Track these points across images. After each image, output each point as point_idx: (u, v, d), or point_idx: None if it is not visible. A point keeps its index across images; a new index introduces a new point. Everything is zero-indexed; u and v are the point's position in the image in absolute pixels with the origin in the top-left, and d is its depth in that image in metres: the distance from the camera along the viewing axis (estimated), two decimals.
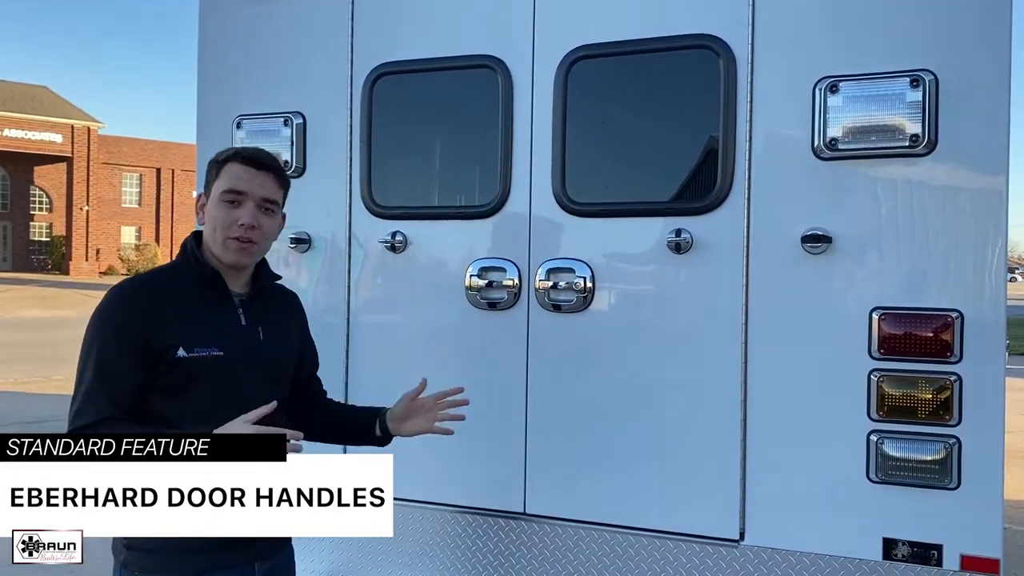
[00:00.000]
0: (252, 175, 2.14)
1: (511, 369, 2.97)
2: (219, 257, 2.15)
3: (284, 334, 2.30)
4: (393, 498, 3.08)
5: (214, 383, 2.08)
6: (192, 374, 2.05)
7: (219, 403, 2.06)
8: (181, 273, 2.17)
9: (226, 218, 2.12)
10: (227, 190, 2.12)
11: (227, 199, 2.12)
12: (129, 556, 2.11)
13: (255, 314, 2.20)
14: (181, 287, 2.13)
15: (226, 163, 2.16)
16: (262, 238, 2.17)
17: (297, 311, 2.44)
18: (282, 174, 2.23)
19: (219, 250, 2.14)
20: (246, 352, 2.14)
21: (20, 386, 11.58)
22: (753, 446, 2.66)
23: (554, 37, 2.93)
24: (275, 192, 2.19)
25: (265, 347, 2.20)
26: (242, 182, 2.13)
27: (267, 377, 2.19)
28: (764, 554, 2.65)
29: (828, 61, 2.59)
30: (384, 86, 3.16)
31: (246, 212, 2.12)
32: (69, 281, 38.27)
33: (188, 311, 2.09)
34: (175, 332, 2.04)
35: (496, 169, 2.99)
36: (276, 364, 2.24)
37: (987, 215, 2.46)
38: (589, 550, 2.86)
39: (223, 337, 2.10)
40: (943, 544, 2.47)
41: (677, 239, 2.73)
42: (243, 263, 2.17)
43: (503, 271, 2.97)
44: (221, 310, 2.15)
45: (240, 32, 3.38)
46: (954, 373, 2.45)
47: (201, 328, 2.08)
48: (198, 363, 2.05)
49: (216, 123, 3.38)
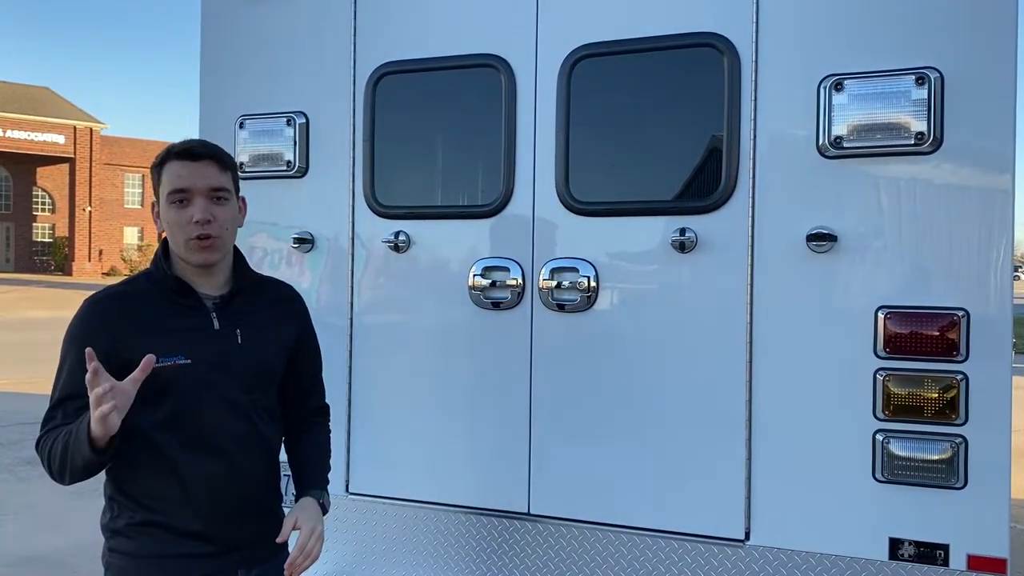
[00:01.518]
0: (191, 169, 2.06)
1: (515, 369, 2.96)
2: (186, 260, 2.09)
3: (268, 336, 2.19)
4: (397, 498, 3.09)
5: (184, 391, 2.03)
6: (160, 385, 1.99)
7: (191, 411, 2.05)
8: (149, 283, 2.12)
9: (179, 219, 2.06)
10: (172, 191, 2.06)
11: (174, 200, 2.06)
12: (111, 558, 2.11)
13: (231, 316, 2.13)
14: (148, 297, 2.08)
15: (163, 164, 2.09)
16: (220, 230, 2.08)
17: (294, 312, 2.33)
18: (223, 158, 2.13)
19: (183, 252, 2.08)
20: (218, 357, 2.08)
21: (23, 386, 11.58)
22: (758, 445, 2.65)
23: (557, 36, 2.92)
24: (219, 178, 2.10)
25: (242, 351, 2.11)
26: (183, 179, 2.06)
27: (245, 382, 2.12)
28: (769, 554, 2.64)
29: (833, 59, 2.58)
30: (387, 85, 3.15)
31: (197, 208, 2.05)
32: (72, 282, 38.32)
33: (154, 321, 2.05)
34: (139, 345, 1.97)
35: (499, 168, 2.98)
36: (255, 368, 2.15)
37: (993, 213, 2.45)
38: (593, 550, 2.85)
39: (190, 344, 2.05)
40: (949, 544, 2.46)
41: (681, 238, 2.72)
42: (211, 260, 2.09)
43: (506, 271, 2.96)
44: (191, 317, 2.09)
45: (243, 32, 3.38)
46: (960, 372, 2.44)
47: (166, 337, 2.03)
48: (165, 373, 1.98)
49: (219, 123, 3.38)
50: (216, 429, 2.07)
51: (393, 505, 3.10)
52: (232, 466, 2.09)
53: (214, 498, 2.07)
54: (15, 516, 6.01)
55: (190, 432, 2.04)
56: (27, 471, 7.22)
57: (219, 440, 2.08)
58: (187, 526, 2.05)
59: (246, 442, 2.12)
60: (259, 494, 2.17)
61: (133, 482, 2.06)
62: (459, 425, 3.05)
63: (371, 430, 3.12)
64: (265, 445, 2.18)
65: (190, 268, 2.10)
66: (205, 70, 3.47)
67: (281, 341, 2.24)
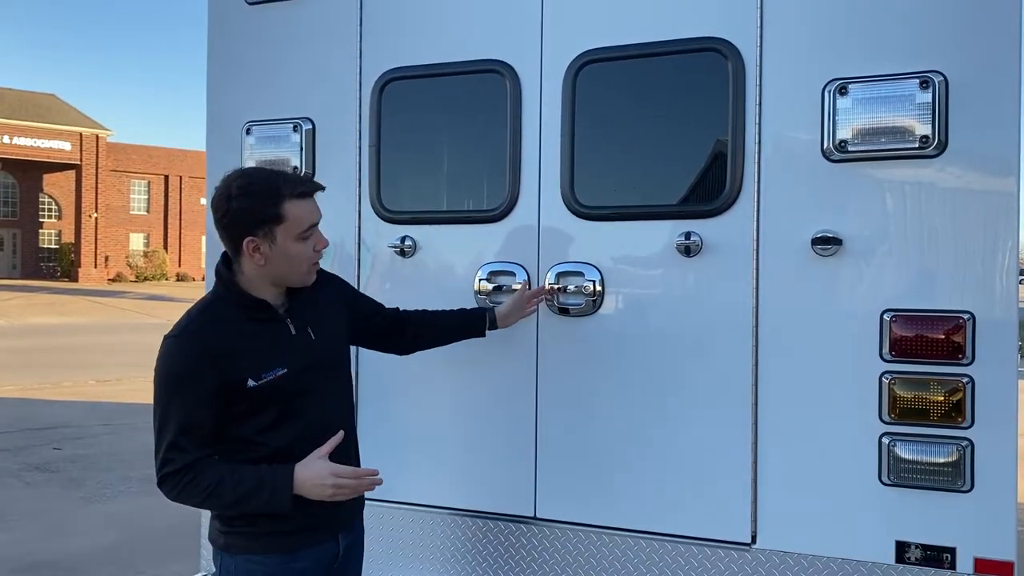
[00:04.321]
0: (311, 204, 2.24)
1: (521, 372, 2.97)
2: (300, 284, 2.27)
3: (330, 324, 2.38)
4: (403, 502, 3.10)
5: (287, 398, 2.20)
6: (266, 398, 2.16)
7: (293, 413, 2.21)
8: (226, 306, 2.21)
9: (306, 250, 2.22)
10: (309, 227, 2.21)
11: (306, 236, 2.21)
12: (228, 540, 2.23)
13: (300, 318, 2.28)
14: (229, 319, 2.19)
15: (282, 202, 2.16)
16: None
17: (335, 290, 2.50)
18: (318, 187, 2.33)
19: (300, 280, 2.26)
20: (306, 358, 2.24)
21: (30, 392, 11.62)
22: (764, 449, 2.66)
23: (562, 41, 2.93)
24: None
25: (319, 345, 2.30)
26: (313, 215, 2.23)
27: (329, 372, 2.33)
28: (776, 557, 2.64)
29: (837, 63, 2.58)
30: (393, 91, 3.16)
31: (320, 238, 2.26)
32: (78, 288, 38.43)
33: (243, 341, 2.17)
34: (239, 366, 2.13)
35: (505, 173, 2.99)
36: (332, 357, 2.36)
37: (998, 216, 2.45)
38: (600, 554, 2.85)
39: (282, 354, 2.20)
40: (956, 547, 2.46)
41: (687, 242, 2.73)
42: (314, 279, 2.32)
43: (512, 275, 2.97)
44: (271, 328, 2.22)
45: (249, 38, 3.40)
46: (966, 375, 2.44)
47: (261, 353, 2.17)
48: (270, 386, 2.15)
49: (225, 129, 3.40)
50: (317, 420, 2.25)
51: (399, 509, 3.11)
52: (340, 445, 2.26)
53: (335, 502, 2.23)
54: (23, 522, 6.03)
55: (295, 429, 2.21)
56: (34, 476, 7.24)
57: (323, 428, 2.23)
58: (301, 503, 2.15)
59: (341, 418, 2.34)
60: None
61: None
62: (465, 429, 3.06)
63: (378, 434, 3.12)
64: (352, 415, 2.46)
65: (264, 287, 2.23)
66: (211, 77, 3.49)
67: (341, 324, 2.46)
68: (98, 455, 7.95)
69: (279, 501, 2.10)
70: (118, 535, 5.75)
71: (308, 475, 2.12)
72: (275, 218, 2.15)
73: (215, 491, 2.08)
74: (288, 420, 2.20)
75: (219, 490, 2.08)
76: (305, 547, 2.23)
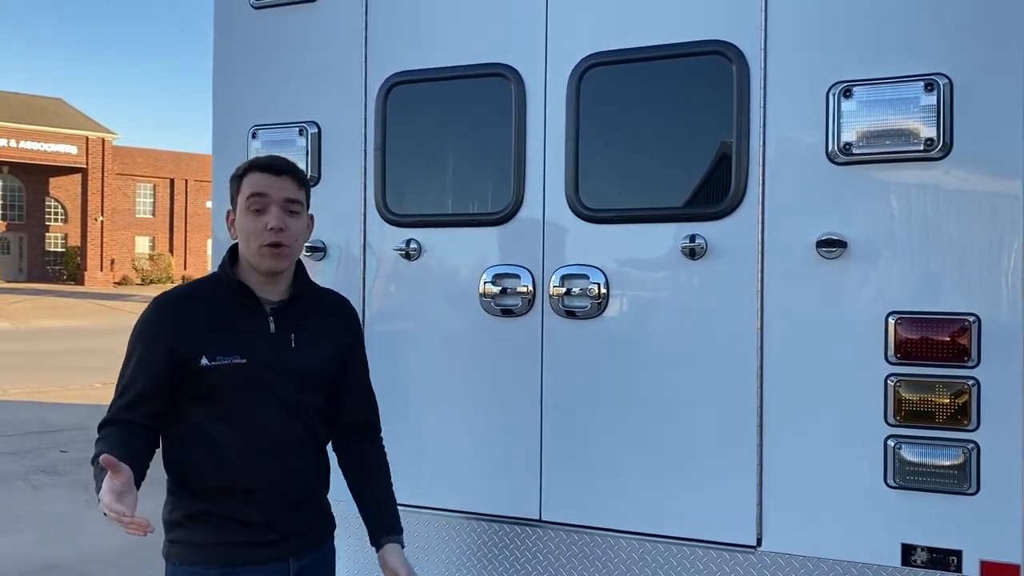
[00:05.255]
0: (271, 180, 2.21)
1: (526, 375, 2.97)
2: (256, 266, 2.21)
3: (319, 342, 2.30)
4: (409, 505, 3.10)
5: (240, 390, 2.15)
6: (217, 382, 2.13)
7: (248, 409, 2.17)
8: (213, 286, 2.26)
9: (254, 226, 2.18)
10: (251, 195, 2.19)
11: (252, 206, 2.19)
12: (171, 549, 2.22)
13: (288, 321, 2.24)
14: (212, 299, 2.22)
15: (245, 175, 2.24)
16: (291, 239, 2.22)
17: (347, 324, 2.44)
18: (300, 176, 2.29)
19: (254, 259, 2.20)
20: (273, 359, 2.19)
21: (36, 395, 11.66)
22: (769, 452, 2.66)
23: (566, 45, 2.94)
24: (296, 192, 2.24)
25: (296, 355, 2.23)
26: (262, 186, 2.20)
27: (298, 384, 2.23)
28: (781, 560, 2.63)
29: (841, 66, 2.59)
30: (398, 95, 3.17)
31: (272, 216, 2.18)
32: (84, 291, 38.54)
33: (216, 322, 2.17)
34: (200, 343, 2.12)
35: (509, 176, 3.00)
36: (307, 372, 2.26)
37: (1003, 218, 2.45)
38: (605, 557, 2.85)
39: (248, 345, 2.16)
40: (962, 550, 2.45)
41: (691, 244, 2.73)
42: (279, 268, 2.22)
43: (517, 278, 2.98)
44: (249, 319, 2.20)
45: (255, 42, 3.41)
46: (972, 377, 2.44)
47: (226, 337, 2.15)
48: (221, 371, 2.12)
49: (231, 133, 3.41)
50: (269, 428, 2.18)
51: (405, 512, 3.10)
52: (285, 463, 2.21)
53: (269, 491, 2.18)
54: (31, 524, 6.05)
55: (244, 428, 2.16)
56: (42, 480, 7.27)
57: (272, 438, 2.19)
58: (244, 516, 2.16)
59: (298, 440, 2.24)
60: (310, 488, 2.30)
61: (191, 476, 2.18)
62: (470, 432, 3.07)
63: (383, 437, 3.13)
64: (315, 443, 2.31)
65: (255, 275, 2.23)
66: (218, 80, 3.50)
67: (333, 349, 2.35)
68: None
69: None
70: (125, 538, 5.73)
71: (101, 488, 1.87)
72: (237, 189, 2.24)
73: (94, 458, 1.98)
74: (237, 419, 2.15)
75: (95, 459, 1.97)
76: (249, 563, 2.15)
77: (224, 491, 2.16)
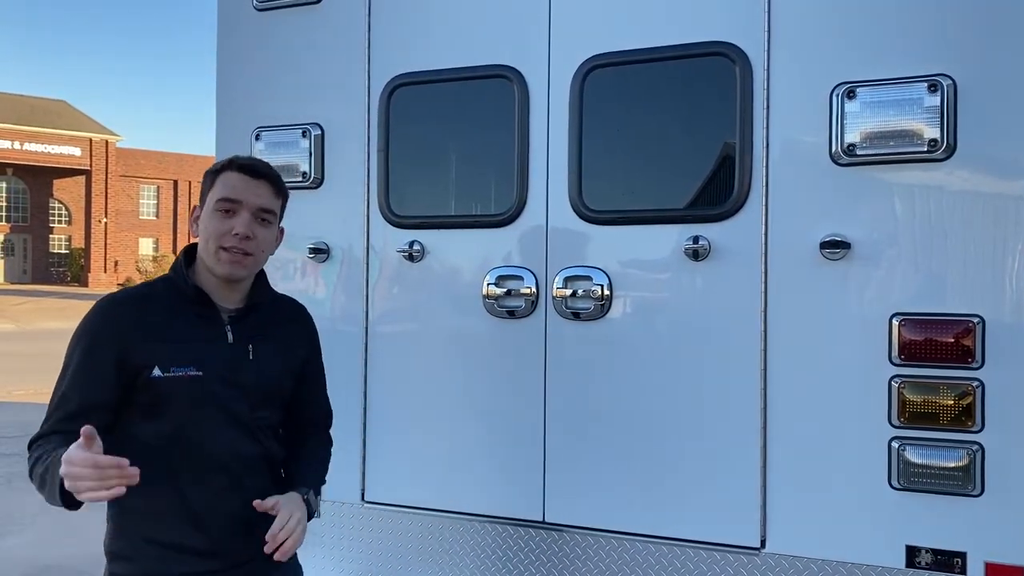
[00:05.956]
0: (248, 183, 2.06)
1: (529, 377, 2.97)
2: (211, 269, 2.06)
3: (279, 353, 2.17)
4: (412, 507, 3.10)
5: (193, 403, 1.99)
6: (169, 394, 1.97)
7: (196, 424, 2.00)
8: (167, 289, 2.08)
9: (219, 228, 2.03)
10: (221, 198, 2.04)
11: (221, 208, 2.04)
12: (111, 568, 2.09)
13: (246, 331, 2.10)
14: (164, 304, 2.04)
15: (221, 172, 2.08)
16: (256, 249, 2.08)
17: (306, 333, 2.31)
18: (279, 184, 2.15)
19: (211, 261, 2.04)
20: (229, 371, 2.04)
21: (40, 397, 11.66)
22: (773, 453, 2.65)
23: (569, 46, 2.94)
24: (271, 202, 2.11)
25: (254, 366, 2.09)
26: (237, 191, 2.05)
27: (255, 398, 2.09)
28: (785, 562, 2.63)
29: (845, 67, 2.58)
30: (401, 97, 3.18)
31: (240, 221, 2.03)
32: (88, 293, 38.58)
33: (168, 329, 2.01)
34: (151, 351, 1.96)
35: (513, 178, 3.00)
36: (266, 384, 2.12)
37: (1007, 219, 2.44)
38: (608, 558, 2.85)
39: (203, 356, 2.01)
40: (967, 552, 2.45)
41: (695, 246, 2.73)
42: (236, 275, 2.07)
43: (520, 279, 2.98)
44: (205, 328, 2.05)
45: (258, 44, 3.41)
46: (976, 379, 2.44)
47: (179, 347, 1.99)
48: (174, 383, 1.96)
49: (235, 135, 3.42)
50: (220, 444, 2.04)
51: (408, 513, 3.11)
52: (235, 483, 2.06)
53: (216, 514, 2.04)
54: (32, 525, 6.06)
55: (193, 446, 2.00)
56: None
57: (222, 456, 2.04)
58: (189, 542, 2.02)
59: (250, 460, 2.09)
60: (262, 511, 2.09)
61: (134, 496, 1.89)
62: (474, 433, 3.06)
63: (386, 439, 3.13)
64: (270, 463, 2.16)
65: (212, 280, 2.08)
66: (221, 82, 3.50)
67: (291, 361, 2.22)
68: None
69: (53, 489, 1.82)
70: None
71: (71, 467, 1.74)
72: (210, 185, 2.08)
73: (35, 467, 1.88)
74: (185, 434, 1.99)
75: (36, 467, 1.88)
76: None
77: (167, 514, 2.00)
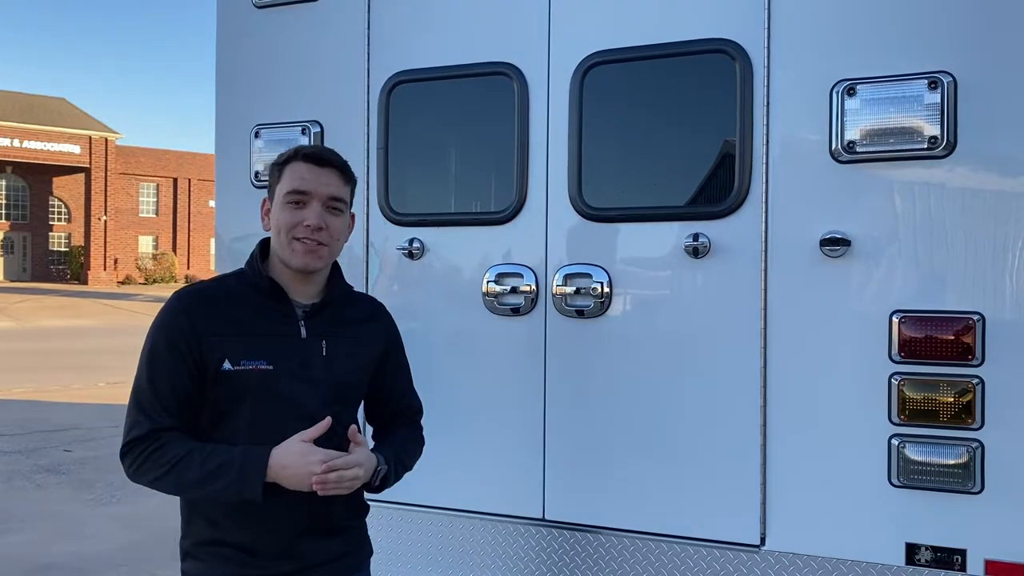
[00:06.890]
0: (316, 173, 2.03)
1: (529, 374, 2.97)
2: (286, 262, 2.04)
3: (352, 349, 2.13)
4: (412, 504, 3.10)
5: (263, 398, 1.97)
6: (239, 388, 1.96)
7: (270, 420, 1.97)
8: (241, 283, 2.07)
9: (291, 220, 2.01)
10: (291, 191, 2.02)
11: (291, 200, 2.02)
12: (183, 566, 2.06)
13: (320, 326, 2.07)
14: (238, 297, 2.03)
15: (288, 163, 2.06)
16: (330, 239, 2.05)
17: (382, 329, 2.26)
18: (347, 170, 2.11)
19: (285, 254, 2.03)
20: (301, 367, 2.01)
21: (40, 395, 11.68)
22: (773, 450, 2.65)
23: (569, 43, 2.93)
24: (340, 189, 2.07)
25: (327, 363, 2.05)
26: (306, 182, 2.02)
27: (327, 394, 2.05)
28: (785, 559, 2.63)
29: (845, 64, 2.58)
30: (401, 94, 3.17)
31: (312, 213, 2.01)
32: (87, 291, 38.62)
33: (241, 323, 1.99)
34: (223, 344, 1.95)
35: (512, 175, 3.00)
36: (338, 381, 2.08)
37: (1007, 216, 2.44)
38: (608, 556, 2.85)
39: (275, 350, 1.99)
40: (967, 549, 2.45)
41: (695, 243, 2.73)
42: (311, 267, 2.04)
43: (520, 277, 2.98)
44: (279, 322, 2.03)
45: (257, 42, 3.41)
46: (976, 376, 2.44)
47: (252, 340, 1.98)
48: (245, 376, 1.95)
49: (234, 132, 3.42)
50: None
51: (408, 511, 3.11)
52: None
53: (289, 515, 1.98)
54: (33, 523, 6.06)
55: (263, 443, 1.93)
56: (45, 478, 7.28)
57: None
58: (260, 545, 1.98)
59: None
60: (337, 512, 2.07)
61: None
62: (474, 431, 3.06)
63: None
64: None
65: (287, 273, 2.06)
66: (220, 80, 3.50)
67: (365, 358, 2.17)
68: (109, 457, 7.98)
69: (249, 484, 1.84)
70: (129, 537, 5.77)
71: (288, 456, 1.85)
72: (277, 178, 2.06)
73: (181, 463, 1.87)
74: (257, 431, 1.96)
75: (186, 462, 1.87)
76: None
77: (239, 514, 1.96)
